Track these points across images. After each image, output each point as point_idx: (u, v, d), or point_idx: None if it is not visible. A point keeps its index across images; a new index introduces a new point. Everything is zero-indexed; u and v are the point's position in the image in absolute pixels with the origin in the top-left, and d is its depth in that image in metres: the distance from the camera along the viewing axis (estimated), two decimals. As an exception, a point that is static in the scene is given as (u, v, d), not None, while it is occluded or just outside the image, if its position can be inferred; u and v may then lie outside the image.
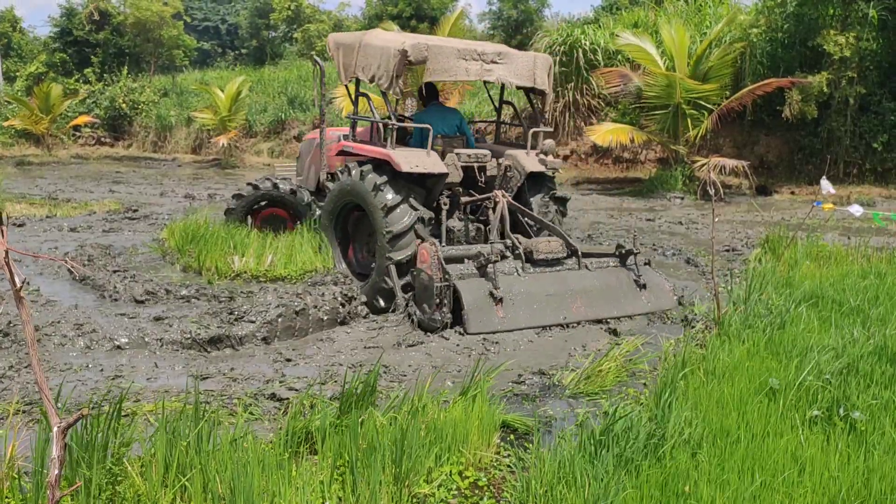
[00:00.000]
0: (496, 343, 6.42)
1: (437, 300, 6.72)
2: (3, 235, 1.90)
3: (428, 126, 7.86)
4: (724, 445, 3.84)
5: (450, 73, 7.87)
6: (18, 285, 1.79)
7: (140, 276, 8.20)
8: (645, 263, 7.73)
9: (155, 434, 3.59)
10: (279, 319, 6.53)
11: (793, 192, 18.95)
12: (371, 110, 8.64)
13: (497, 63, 8.14)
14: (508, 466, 4.01)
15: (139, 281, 7.93)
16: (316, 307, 6.84)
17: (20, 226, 11.42)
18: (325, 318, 6.85)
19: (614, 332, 6.75)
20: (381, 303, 7.50)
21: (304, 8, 37.43)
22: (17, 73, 38.05)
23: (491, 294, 6.72)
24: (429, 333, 6.60)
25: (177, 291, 7.52)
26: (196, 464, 3.42)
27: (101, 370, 5.44)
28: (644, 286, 7.43)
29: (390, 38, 8.17)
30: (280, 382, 5.33)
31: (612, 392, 5.18)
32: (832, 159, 18.56)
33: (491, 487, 3.81)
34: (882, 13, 17.88)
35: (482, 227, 8.20)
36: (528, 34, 32.09)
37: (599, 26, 24.08)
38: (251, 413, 4.66)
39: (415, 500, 3.61)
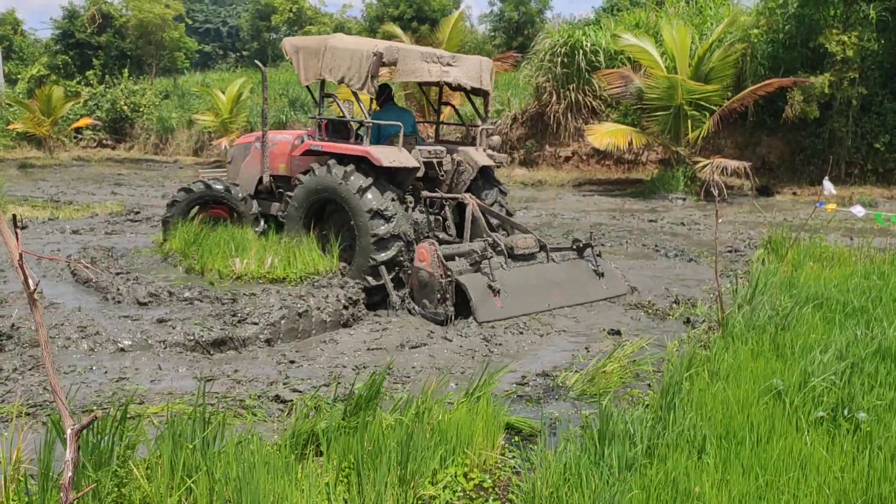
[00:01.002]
0: (499, 345, 6.43)
1: (440, 295, 7.14)
2: (17, 239, 1.90)
3: (399, 123, 8.37)
4: (729, 446, 3.83)
5: (416, 75, 8.48)
6: (32, 288, 1.80)
7: (143, 278, 8.20)
8: (597, 255, 8.37)
9: (160, 436, 3.59)
10: (282, 321, 6.53)
11: (794, 193, 18.96)
12: (341, 110, 9.10)
13: (452, 66, 8.83)
14: (513, 468, 4.01)
15: (142, 283, 7.93)
16: (319, 309, 6.85)
17: (23, 228, 11.43)
18: (328, 319, 6.85)
19: (618, 333, 6.75)
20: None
21: (306, 10, 37.48)
22: (19, 76, 38.10)
23: (490, 287, 7.20)
24: (431, 335, 6.60)
25: (180, 293, 7.52)
26: (202, 466, 3.42)
27: (106, 372, 5.44)
28: (602, 275, 8.14)
29: (359, 42, 8.81)
30: (284, 384, 5.33)
31: (617, 393, 5.17)
32: (834, 160, 18.56)
33: (496, 489, 3.81)
34: (882, 14, 17.88)
35: (440, 220, 8.81)
36: (529, 36, 32.13)
37: (600, 27, 24.08)
38: (255, 415, 4.67)
39: (420, 502, 3.61)
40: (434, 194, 8.82)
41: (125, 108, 32.18)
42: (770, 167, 20.44)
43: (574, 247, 8.37)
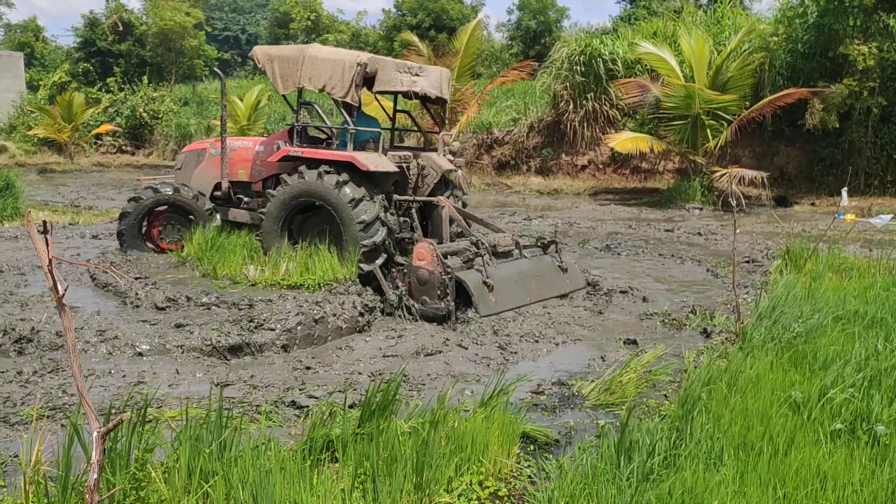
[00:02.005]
0: (515, 353, 6.42)
1: (440, 291, 7.46)
2: (48, 244, 1.93)
3: (379, 130, 9.11)
4: (747, 458, 3.81)
5: (391, 85, 8.94)
6: (61, 293, 1.82)
7: (161, 283, 8.26)
8: (556, 252, 8.89)
9: (177, 440, 3.61)
10: (298, 327, 6.56)
11: (813, 204, 18.82)
12: (322, 118, 9.55)
13: (419, 76, 9.33)
14: (529, 477, 4.00)
15: (160, 288, 7.99)
16: (335, 315, 6.87)
17: (43, 233, 11.53)
18: (344, 326, 6.88)
19: (634, 343, 6.72)
20: None
21: (324, 18, 37.73)
22: (41, 83, 38.58)
23: (484, 283, 7.62)
24: (447, 343, 6.60)
25: (197, 299, 7.56)
26: (218, 470, 3.43)
27: (124, 376, 5.48)
28: (565, 270, 8.68)
29: (339, 52, 9.16)
30: (300, 390, 5.35)
31: (634, 403, 5.15)
32: (853, 170, 18.41)
33: (511, 498, 3.80)
34: (903, 24, 17.76)
35: (408, 221, 9.21)
36: (546, 44, 32.17)
37: (618, 36, 24.08)
38: (272, 420, 4.69)
39: (435, 510, 3.60)
40: (406, 197, 9.22)
41: (145, 114, 32.50)
42: (788, 177, 20.32)
43: (539, 244, 8.95)
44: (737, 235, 7.12)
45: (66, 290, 1.81)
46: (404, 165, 9.25)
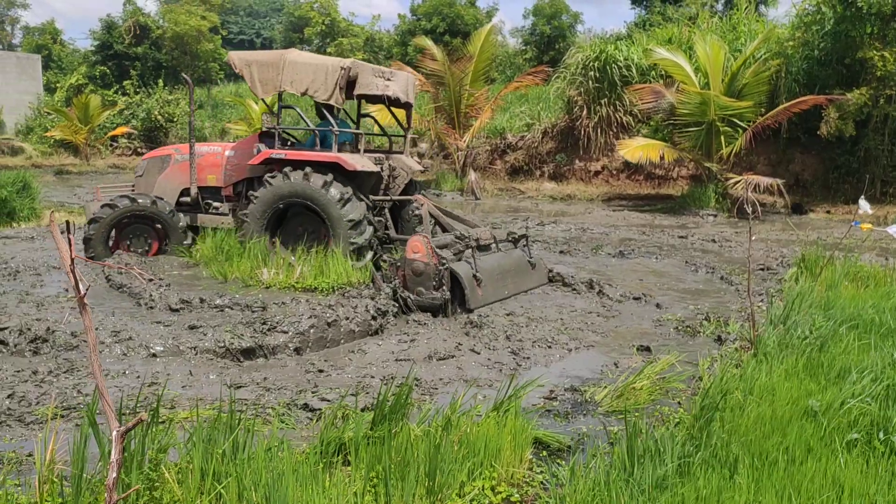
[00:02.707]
0: (527, 358, 6.40)
1: (436, 282, 7.77)
2: (70, 245, 1.95)
3: (361, 132, 9.64)
4: (762, 467, 3.77)
5: (369, 89, 9.28)
6: (83, 292, 1.83)
7: (174, 285, 8.30)
8: (524, 246, 9.23)
9: (191, 441, 3.62)
10: (311, 330, 6.57)
11: (828, 212, 18.69)
12: (304, 120, 9.90)
13: (391, 81, 9.65)
14: (542, 483, 3.98)
15: (174, 290, 8.03)
16: (348, 319, 6.88)
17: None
18: (357, 329, 6.88)
19: (647, 350, 6.69)
20: None
21: (339, 22, 37.89)
22: (58, 85, 38.92)
23: (474, 276, 7.89)
24: (459, 347, 6.60)
25: (211, 301, 7.60)
26: (231, 472, 3.44)
27: (138, 377, 5.50)
28: (534, 265, 9.01)
29: (317, 57, 9.58)
30: (313, 393, 5.35)
31: (647, 410, 5.12)
32: (869, 178, 18.28)
33: (523, 503, 3.78)
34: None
35: (383, 220, 9.69)
36: (560, 50, 32.15)
37: (632, 42, 24.04)
38: (284, 423, 4.69)
39: (447, 515, 3.59)
40: (384, 197, 9.73)
41: (160, 117, 32.73)
42: (803, 185, 20.20)
43: (510, 239, 9.30)
44: (752, 242, 7.07)
45: (87, 289, 1.82)
46: (379, 167, 9.68)
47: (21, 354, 5.98)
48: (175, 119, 32.83)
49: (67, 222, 2.49)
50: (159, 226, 9.77)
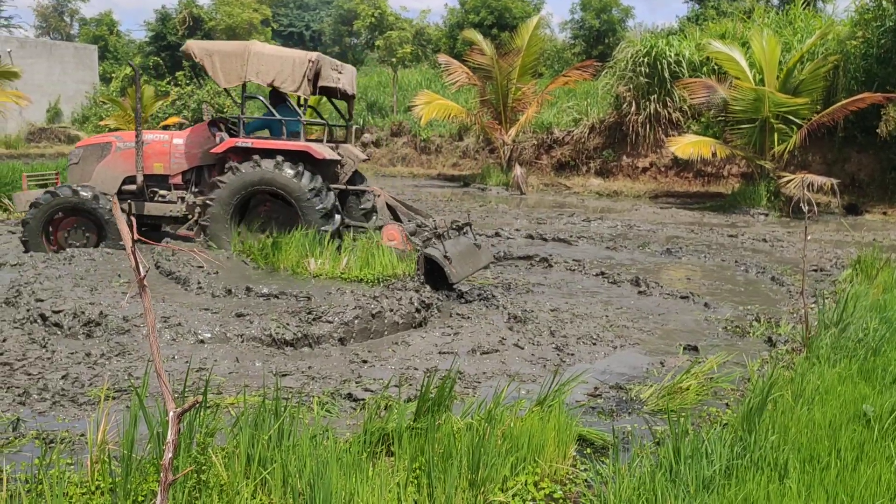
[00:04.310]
0: (571, 355, 6.35)
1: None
2: (132, 227, 1.98)
3: (325, 121, 10.50)
4: (813, 471, 3.68)
5: (328, 81, 9.68)
6: (143, 274, 1.86)
7: (223, 273, 8.43)
8: (464, 233, 9.56)
9: (237, 425, 3.67)
10: (356, 321, 6.60)
11: (885, 213, 18.16)
12: (270, 110, 9.99)
13: (342, 74, 10.09)
14: (585, 481, 3.94)
15: (221, 278, 8.15)
16: (392, 311, 6.90)
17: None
18: (401, 321, 6.90)
19: (695, 349, 6.57)
20: None
21: (388, 16, 38.02)
22: (113, 75, 39.81)
23: (445, 257, 8.21)
24: (503, 342, 6.57)
25: (258, 289, 7.69)
26: (276, 458, 3.48)
27: (186, 362, 5.60)
28: (479, 247, 9.37)
29: (282, 49, 10.04)
30: (356, 383, 5.38)
31: (694, 410, 5.03)
32: (929, 179, 17.70)
33: (567, 500, 3.75)
34: None
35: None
36: (609, 44, 31.79)
37: (684, 37, 23.63)
38: (329, 411, 4.73)
39: (490, 508, 3.58)
40: (340, 185, 10.10)
41: (211, 108, 33.20)
42: (859, 185, 19.64)
43: (454, 226, 9.68)
44: (806, 243, 6.90)
45: (147, 271, 1.84)
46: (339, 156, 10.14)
47: (75, 337, 6.13)
48: (225, 110, 33.31)
49: (130, 204, 2.54)
50: (97, 221, 9.68)
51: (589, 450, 4.40)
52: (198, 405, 2.90)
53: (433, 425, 3.87)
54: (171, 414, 1.80)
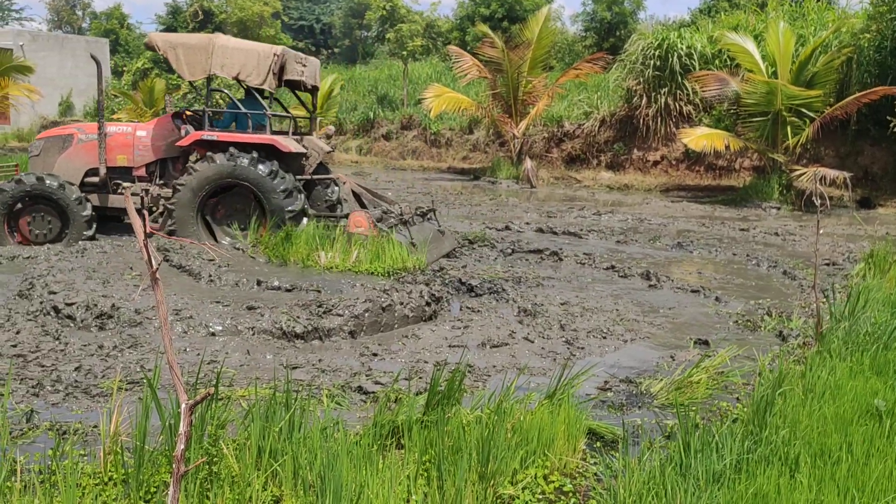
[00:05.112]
0: (581, 348, 6.34)
1: None
2: (144, 220, 2.00)
3: (291, 114, 10.60)
4: (824, 466, 3.67)
5: (293, 74, 9.82)
6: (155, 267, 1.87)
7: (232, 265, 8.46)
8: (429, 219, 10.00)
9: (248, 417, 3.69)
10: (366, 314, 6.62)
11: (899, 206, 18.02)
12: (236, 103, 10.14)
13: (306, 67, 10.22)
14: (595, 475, 3.94)
15: (232, 271, 8.18)
16: (402, 304, 6.91)
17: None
18: (411, 315, 6.91)
19: (705, 343, 6.56)
20: None
21: (399, 8, 37.96)
22: (125, 69, 39.93)
23: (412, 243, 8.63)
24: (513, 335, 6.57)
25: (268, 282, 7.72)
26: (287, 450, 3.50)
27: (198, 354, 5.63)
28: (443, 233, 9.84)
29: (247, 43, 10.17)
30: (367, 376, 5.40)
31: (704, 405, 5.02)
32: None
33: (577, 494, 3.75)
34: None
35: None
36: (621, 37, 31.62)
37: (697, 29, 23.47)
38: (339, 404, 4.74)
39: (499, 501, 3.59)
40: (306, 176, 10.25)
41: (221, 102, 33.27)
42: (872, 178, 19.48)
43: (419, 213, 10.08)
44: (818, 236, 6.86)
45: (159, 264, 1.86)
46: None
47: (88, 329, 6.18)
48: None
49: (142, 198, 2.56)
50: (63, 211, 9.58)
51: (599, 443, 4.40)
52: (209, 397, 2.92)
53: (443, 418, 3.89)
54: (183, 405, 1.82)
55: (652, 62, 21.98)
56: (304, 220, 9.66)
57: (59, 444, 3.70)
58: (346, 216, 9.72)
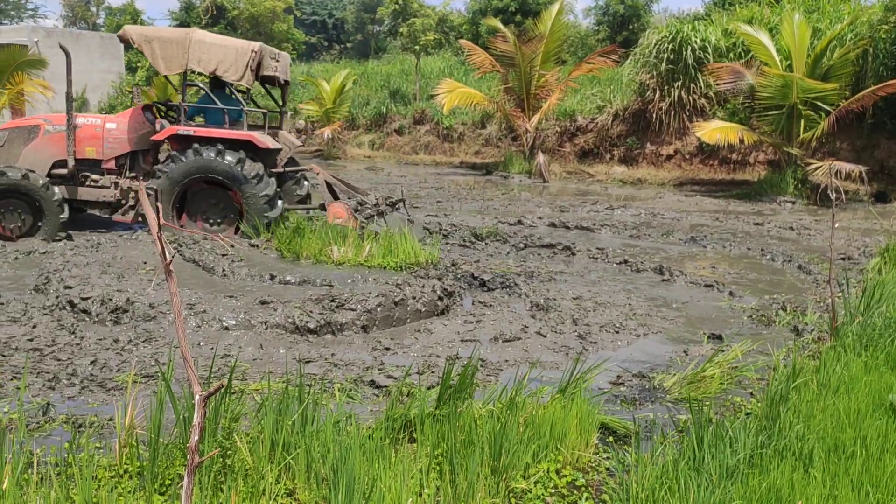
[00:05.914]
0: (594, 343, 6.33)
1: None
2: (158, 213, 2.01)
3: (264, 110, 10.68)
4: (838, 461, 3.65)
5: (267, 70, 9.94)
6: (169, 260, 1.89)
7: (245, 260, 8.50)
8: (398, 209, 10.33)
9: (262, 410, 3.71)
10: (378, 309, 6.64)
11: (915, 200, 17.84)
12: (212, 98, 10.04)
13: (278, 62, 10.33)
14: (608, 469, 3.94)
15: (245, 266, 8.22)
16: (414, 298, 6.92)
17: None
18: (423, 309, 6.92)
19: (719, 338, 6.53)
20: None
21: (411, 3, 37.93)
22: (139, 64, 40.08)
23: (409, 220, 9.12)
24: (525, 330, 6.56)
25: (281, 277, 7.76)
26: (300, 443, 3.51)
27: (211, 348, 5.67)
28: (412, 221, 10.18)
29: (224, 38, 10.30)
30: (379, 370, 5.42)
31: (717, 399, 5.01)
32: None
33: (589, 488, 3.75)
34: None
35: None
36: (634, 30, 31.45)
37: (711, 22, 23.30)
38: (351, 398, 4.76)
39: (512, 495, 3.59)
40: (280, 169, 10.40)
41: (234, 96, 33.36)
42: (889, 172, 19.29)
43: (389, 203, 10.31)
44: (833, 231, 6.81)
45: (173, 257, 1.87)
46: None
47: (103, 323, 6.23)
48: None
49: (156, 190, 2.59)
50: (38, 204, 9.34)
51: (611, 438, 4.40)
52: (223, 389, 2.94)
53: (455, 412, 3.89)
54: (197, 397, 1.83)
55: (665, 55, 21.84)
56: (280, 202, 9.91)
57: (74, 437, 3.73)
58: (318, 208, 9.99)
